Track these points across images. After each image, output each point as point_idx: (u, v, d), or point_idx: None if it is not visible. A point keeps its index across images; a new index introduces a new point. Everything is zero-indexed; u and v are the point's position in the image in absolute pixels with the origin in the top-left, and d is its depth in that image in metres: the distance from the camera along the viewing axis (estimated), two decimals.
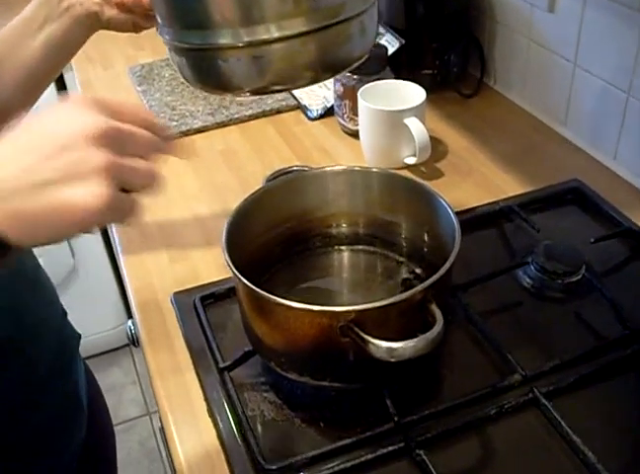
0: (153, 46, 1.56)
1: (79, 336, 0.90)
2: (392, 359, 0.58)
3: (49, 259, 1.95)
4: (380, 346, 0.57)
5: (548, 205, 0.97)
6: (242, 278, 0.64)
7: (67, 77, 1.70)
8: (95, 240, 2.01)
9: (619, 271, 0.86)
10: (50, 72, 0.78)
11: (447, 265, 0.64)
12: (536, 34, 1.13)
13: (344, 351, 0.63)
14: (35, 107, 0.80)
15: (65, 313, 0.88)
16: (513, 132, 1.15)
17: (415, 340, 0.57)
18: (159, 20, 0.68)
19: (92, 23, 0.78)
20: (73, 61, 1.53)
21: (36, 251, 1.89)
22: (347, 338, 0.61)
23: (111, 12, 0.79)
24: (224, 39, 0.62)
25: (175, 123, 1.21)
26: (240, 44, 0.62)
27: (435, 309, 0.61)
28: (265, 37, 0.61)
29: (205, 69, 0.67)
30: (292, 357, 0.67)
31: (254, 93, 0.69)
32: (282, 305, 0.62)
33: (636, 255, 0.87)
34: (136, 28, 0.82)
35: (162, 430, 0.79)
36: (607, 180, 1.02)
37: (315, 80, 0.69)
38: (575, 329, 0.79)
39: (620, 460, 0.64)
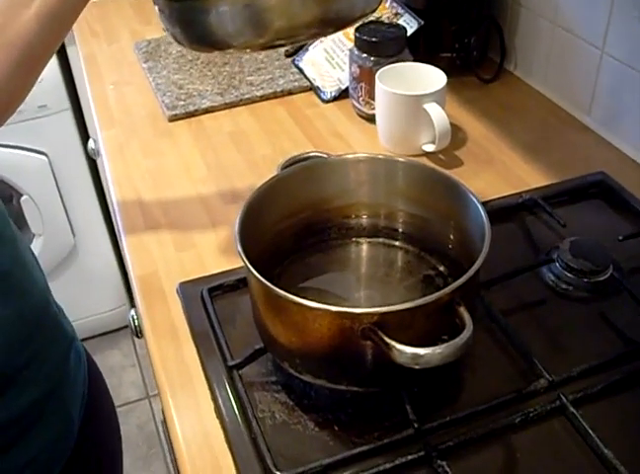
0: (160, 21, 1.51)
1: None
2: (417, 366, 0.54)
3: (49, 238, 1.93)
4: (405, 352, 0.53)
5: (572, 199, 0.93)
6: (256, 274, 0.60)
7: (70, 51, 1.65)
8: (96, 220, 1.98)
9: None
10: (48, 45, 0.73)
11: (477, 265, 0.59)
12: (562, 18, 1.07)
13: (364, 354, 0.59)
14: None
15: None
16: (534, 120, 1.10)
17: (442, 346, 0.53)
18: None
19: None
20: (76, 35, 1.49)
21: (35, 229, 1.86)
22: (367, 340, 0.57)
23: None
24: None
25: (182, 103, 1.16)
26: None
27: (463, 312, 0.57)
28: None
29: (193, 23, 0.63)
30: (308, 359, 0.63)
31: (246, 49, 0.65)
32: (300, 305, 0.57)
33: None
34: None
35: (165, 427, 0.76)
36: (634, 173, 0.97)
37: (314, 35, 0.64)
38: (602, 331, 0.75)
39: None
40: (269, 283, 0.59)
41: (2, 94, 0.71)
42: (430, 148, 0.99)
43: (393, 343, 0.54)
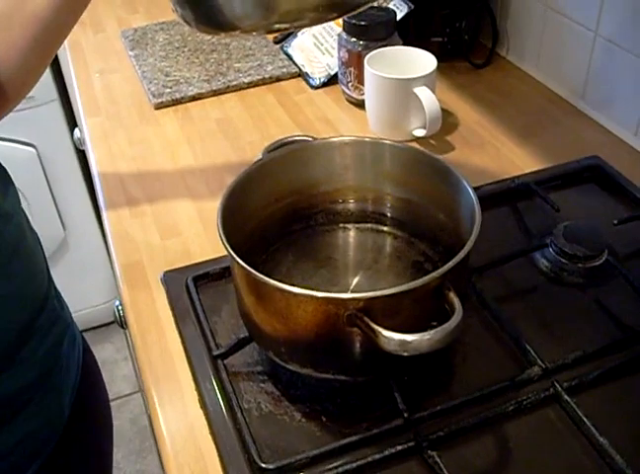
0: (147, 9, 1.49)
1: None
2: (405, 353, 0.52)
3: (39, 231, 1.90)
4: (392, 338, 0.51)
5: (566, 183, 0.91)
6: (238, 260, 0.58)
7: None
8: (86, 212, 1.95)
9: None
10: (65, 23, 0.71)
11: (467, 248, 0.57)
12: (554, 0, 1.05)
13: (350, 341, 0.57)
14: None
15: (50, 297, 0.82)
16: (527, 105, 1.08)
17: (431, 332, 0.51)
18: None
19: None
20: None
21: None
22: (354, 327, 0.55)
23: None
24: None
25: (169, 90, 1.14)
26: None
27: (453, 297, 0.55)
28: None
29: (201, 3, 0.61)
30: (293, 348, 0.61)
31: (252, 31, 0.63)
32: (284, 291, 0.55)
33: None
34: None
35: (149, 418, 0.74)
36: (628, 157, 0.96)
37: (318, 19, 0.62)
38: (596, 317, 0.73)
39: None
40: (251, 269, 0.57)
41: (18, 73, 0.70)
42: (420, 133, 0.97)
43: (380, 329, 0.52)
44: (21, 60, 0.70)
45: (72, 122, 1.81)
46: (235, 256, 0.58)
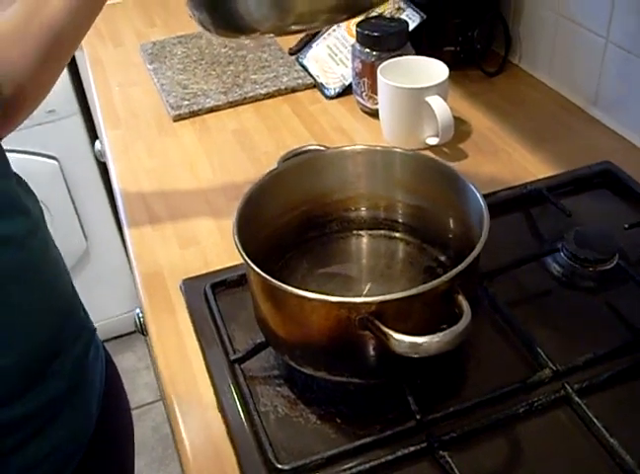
0: (165, 23, 1.52)
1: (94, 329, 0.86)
2: (415, 355, 0.53)
3: (61, 242, 1.94)
4: (403, 341, 0.53)
5: (578, 189, 0.92)
6: (254, 267, 0.60)
7: (78, 55, 1.65)
8: (108, 223, 1.98)
9: None
10: (78, 31, 0.74)
11: (475, 252, 0.59)
12: (566, 8, 1.06)
13: (363, 344, 0.59)
14: None
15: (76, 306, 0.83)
16: (539, 112, 1.09)
17: (440, 334, 0.53)
18: None
19: None
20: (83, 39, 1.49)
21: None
22: (366, 331, 0.56)
23: None
24: None
25: (187, 103, 1.17)
26: None
27: (462, 300, 0.56)
28: None
29: (220, 8, 0.63)
30: (308, 351, 0.62)
31: (269, 33, 0.67)
32: (298, 296, 0.57)
33: None
34: None
35: (169, 421, 0.76)
36: None
37: (331, 20, 0.65)
38: (608, 321, 0.74)
39: None
40: (266, 275, 0.58)
41: (31, 82, 0.72)
42: (433, 141, 0.98)
43: (391, 332, 0.53)
44: (34, 70, 0.72)
45: (93, 135, 1.85)
46: (251, 263, 0.60)
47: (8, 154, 0.71)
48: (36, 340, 0.71)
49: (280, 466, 0.60)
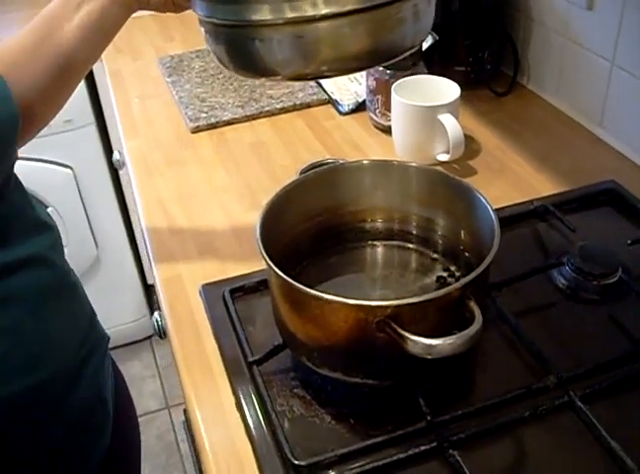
0: (183, 38, 1.56)
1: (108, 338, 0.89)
2: (429, 357, 0.57)
3: (73, 250, 1.97)
4: (419, 342, 0.56)
5: (583, 206, 0.95)
6: (277, 270, 0.63)
7: (96, 67, 1.69)
8: (118, 232, 2.01)
9: None
10: (87, 58, 0.77)
11: (487, 261, 0.62)
12: (573, 32, 1.10)
13: (379, 346, 0.62)
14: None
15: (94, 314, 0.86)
16: (546, 132, 1.13)
17: (454, 337, 0.56)
18: None
19: (130, 2, 0.76)
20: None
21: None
22: (382, 333, 0.60)
23: None
24: (262, 16, 0.58)
25: (204, 115, 1.20)
26: (280, 22, 0.58)
27: (473, 306, 0.59)
28: (308, 13, 0.56)
29: (240, 50, 0.63)
30: (325, 352, 0.66)
31: (292, 78, 0.65)
32: (318, 298, 0.60)
33: None
34: (177, 7, 0.77)
35: (188, 423, 0.79)
36: None
37: (360, 67, 0.65)
38: (610, 332, 0.77)
39: None
40: (289, 278, 0.62)
41: (41, 101, 0.75)
42: (444, 158, 1.02)
43: (407, 334, 0.57)
44: (43, 90, 0.74)
45: (107, 145, 1.89)
46: (273, 266, 0.63)
47: (24, 162, 0.73)
48: (68, 342, 0.73)
49: (296, 462, 0.63)
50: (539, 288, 0.82)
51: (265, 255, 0.65)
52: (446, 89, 1.03)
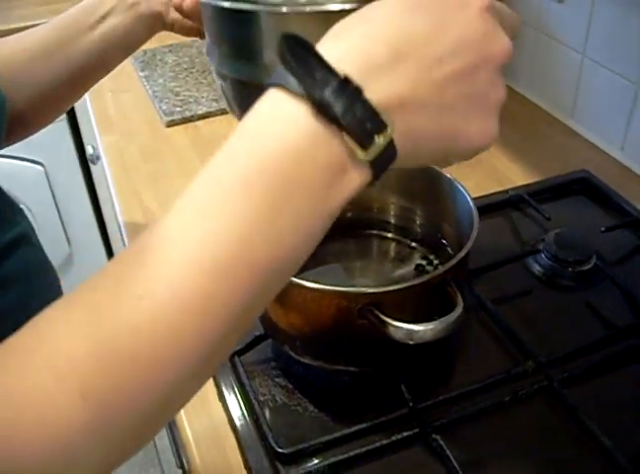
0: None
1: None
2: (411, 342, 0.57)
3: (45, 248, 1.95)
4: (401, 328, 0.57)
5: (556, 195, 0.97)
6: None
7: None
8: (91, 229, 2.00)
9: (630, 260, 0.86)
10: (100, 69, 0.76)
11: (468, 246, 0.63)
12: (545, 24, 1.12)
13: (360, 333, 0.62)
14: None
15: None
16: (521, 124, 1.14)
17: (435, 322, 0.57)
18: (207, 38, 0.61)
19: (154, 23, 0.75)
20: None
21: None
22: (364, 320, 0.60)
23: (175, 14, 0.75)
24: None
25: (179, 109, 1.20)
26: None
27: (454, 293, 0.60)
28: None
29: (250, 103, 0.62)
30: (307, 341, 0.66)
31: None
32: (300, 286, 0.61)
33: None
34: (202, 34, 0.77)
35: None
36: (615, 171, 1.02)
37: None
38: (586, 317, 0.78)
39: (636, 446, 0.64)
40: None
41: (43, 106, 0.74)
42: None
43: (389, 320, 0.57)
44: (50, 93, 0.74)
45: (79, 141, 1.87)
46: None
47: None
48: None
49: (280, 450, 0.63)
50: (516, 276, 0.83)
51: None
52: None
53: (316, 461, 0.63)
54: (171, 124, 1.18)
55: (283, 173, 0.36)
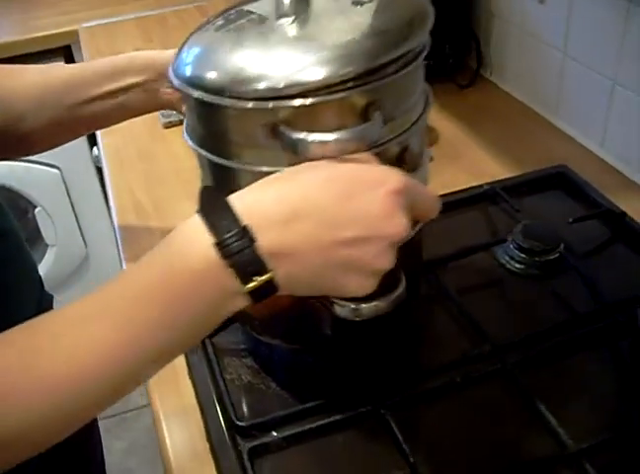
0: (162, 39, 1.60)
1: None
2: (356, 319, 0.60)
3: (62, 248, 2.02)
4: (345, 305, 0.60)
5: (533, 189, 0.99)
6: None
7: None
8: (107, 230, 2.06)
9: (598, 251, 0.88)
10: (100, 125, 0.87)
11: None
12: (528, 24, 1.15)
13: (310, 312, 0.65)
14: None
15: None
16: (505, 121, 1.17)
17: (377, 301, 0.59)
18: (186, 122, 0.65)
19: (159, 98, 0.80)
20: (85, 53, 1.58)
21: (49, 240, 1.91)
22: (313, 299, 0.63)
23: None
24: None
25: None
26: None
27: (399, 272, 0.63)
28: None
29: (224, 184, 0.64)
30: (265, 320, 0.70)
31: None
32: None
33: (616, 236, 0.89)
34: None
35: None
36: (595, 166, 1.04)
37: None
38: (550, 305, 0.80)
39: (580, 425, 0.66)
40: None
41: (43, 135, 0.82)
42: None
43: (335, 299, 0.60)
44: (48, 129, 0.81)
45: (93, 145, 1.93)
46: None
47: (12, 163, 0.78)
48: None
49: (239, 423, 0.67)
50: (484, 266, 0.86)
51: None
52: None
53: (274, 434, 0.67)
54: (169, 126, 1.23)
55: (182, 288, 0.47)
